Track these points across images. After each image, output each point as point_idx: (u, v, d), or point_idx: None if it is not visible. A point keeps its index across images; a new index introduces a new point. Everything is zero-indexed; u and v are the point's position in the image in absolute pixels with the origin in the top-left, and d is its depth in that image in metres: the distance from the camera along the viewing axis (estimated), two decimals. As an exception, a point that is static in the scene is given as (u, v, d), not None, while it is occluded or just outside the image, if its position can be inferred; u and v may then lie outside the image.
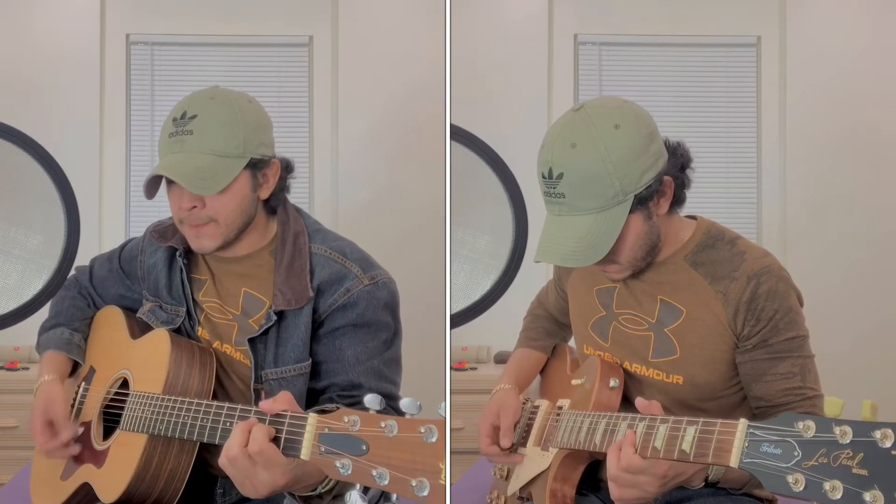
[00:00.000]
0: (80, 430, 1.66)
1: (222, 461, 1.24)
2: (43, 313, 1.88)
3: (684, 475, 1.31)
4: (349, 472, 1.07)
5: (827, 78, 3.62)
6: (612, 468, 1.29)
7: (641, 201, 1.45)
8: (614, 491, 1.31)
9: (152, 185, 1.57)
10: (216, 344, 1.64)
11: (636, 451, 1.27)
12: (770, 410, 1.49)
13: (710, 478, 1.38)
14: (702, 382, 1.55)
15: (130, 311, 1.78)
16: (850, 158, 3.62)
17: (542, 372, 1.89)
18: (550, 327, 1.91)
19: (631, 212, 1.44)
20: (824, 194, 3.63)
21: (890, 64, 3.62)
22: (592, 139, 1.42)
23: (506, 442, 1.67)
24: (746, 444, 1.08)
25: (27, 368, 3.28)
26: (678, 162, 1.51)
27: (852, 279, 3.59)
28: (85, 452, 1.63)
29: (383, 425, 1.07)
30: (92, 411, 1.66)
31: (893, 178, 3.62)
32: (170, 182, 1.57)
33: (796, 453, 1.02)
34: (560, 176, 1.43)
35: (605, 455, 1.57)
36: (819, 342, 1.56)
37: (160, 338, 1.61)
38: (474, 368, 3.46)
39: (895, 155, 3.63)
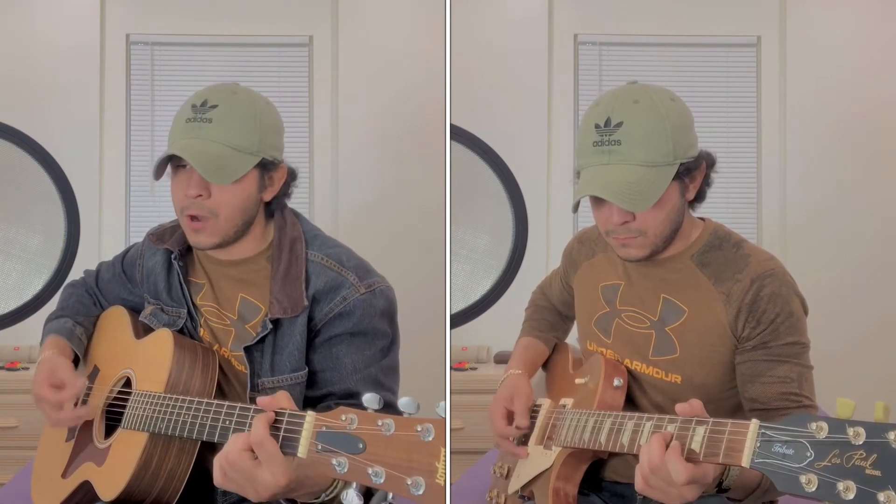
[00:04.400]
0: (87, 382, 1.67)
1: (219, 468, 1.22)
2: (42, 313, 1.89)
3: (714, 478, 1.26)
4: (345, 470, 1.07)
5: (827, 78, 3.63)
6: (659, 470, 1.21)
7: (682, 174, 1.48)
8: (640, 484, 1.24)
9: (161, 167, 1.57)
10: (215, 347, 1.65)
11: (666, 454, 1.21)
12: (765, 413, 1.47)
13: (724, 483, 1.33)
14: (699, 383, 1.55)
15: (136, 311, 1.79)
16: (850, 158, 3.63)
17: (544, 369, 1.90)
18: (553, 320, 1.92)
19: (672, 180, 1.47)
20: (824, 194, 3.63)
21: (890, 64, 3.62)
22: (653, 101, 1.47)
23: (523, 422, 1.66)
24: (758, 445, 1.08)
25: (27, 368, 3.28)
26: (710, 159, 1.56)
27: (852, 278, 3.59)
28: (86, 450, 1.63)
29: (381, 424, 1.07)
30: (95, 410, 1.66)
31: (893, 178, 3.62)
32: (176, 168, 1.57)
33: (809, 454, 1.01)
34: (619, 124, 1.44)
35: (607, 454, 1.57)
36: (819, 341, 1.56)
37: (163, 337, 1.61)
38: (474, 368, 3.46)
39: (895, 155, 3.63)
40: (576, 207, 1.50)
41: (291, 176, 1.68)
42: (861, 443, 0.97)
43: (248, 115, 1.57)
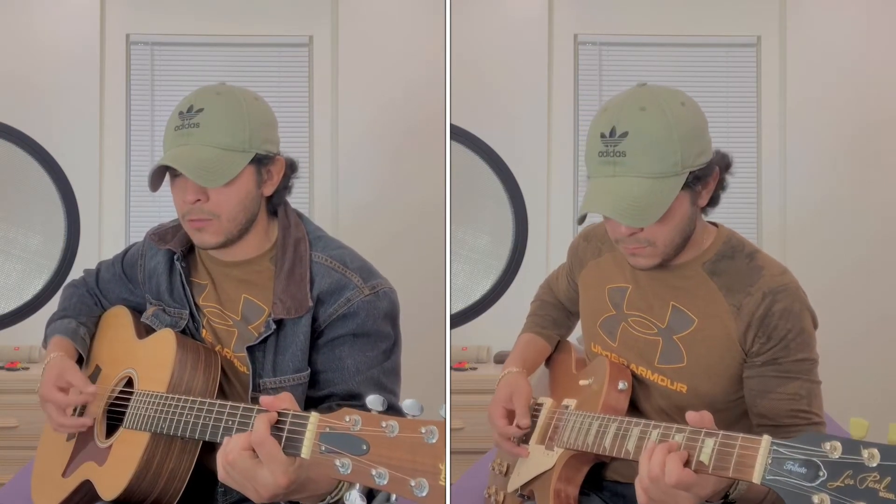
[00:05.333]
0: (96, 389, 1.67)
1: (221, 466, 1.23)
2: (42, 313, 1.89)
3: (713, 491, 1.26)
4: (349, 471, 1.07)
5: (827, 78, 3.62)
6: (659, 481, 1.21)
7: (692, 182, 1.45)
8: (642, 498, 1.25)
9: (156, 178, 1.57)
10: (217, 348, 1.65)
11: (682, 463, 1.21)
12: (774, 430, 1.46)
13: (730, 496, 1.32)
14: (704, 393, 1.54)
15: (137, 311, 1.79)
16: (850, 158, 3.62)
17: (547, 367, 1.89)
18: (557, 316, 1.90)
19: (682, 189, 1.44)
20: (824, 194, 3.63)
21: (890, 64, 3.62)
22: (661, 108, 1.43)
23: (525, 422, 1.64)
24: (769, 461, 1.08)
25: (27, 368, 3.28)
26: (724, 162, 1.53)
27: (852, 279, 3.59)
28: (87, 450, 1.63)
29: (384, 425, 1.07)
30: (96, 410, 1.66)
31: (893, 178, 3.62)
32: (174, 175, 1.57)
33: (821, 473, 1.01)
34: (624, 134, 1.41)
35: (610, 458, 1.56)
36: (819, 342, 1.55)
37: (166, 337, 1.61)
38: (474, 368, 3.46)
39: (895, 155, 3.63)
40: (581, 220, 1.49)
41: (290, 168, 1.68)
42: (875, 465, 0.97)
43: (234, 113, 1.56)
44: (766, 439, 1.09)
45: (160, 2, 3.57)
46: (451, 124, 3.43)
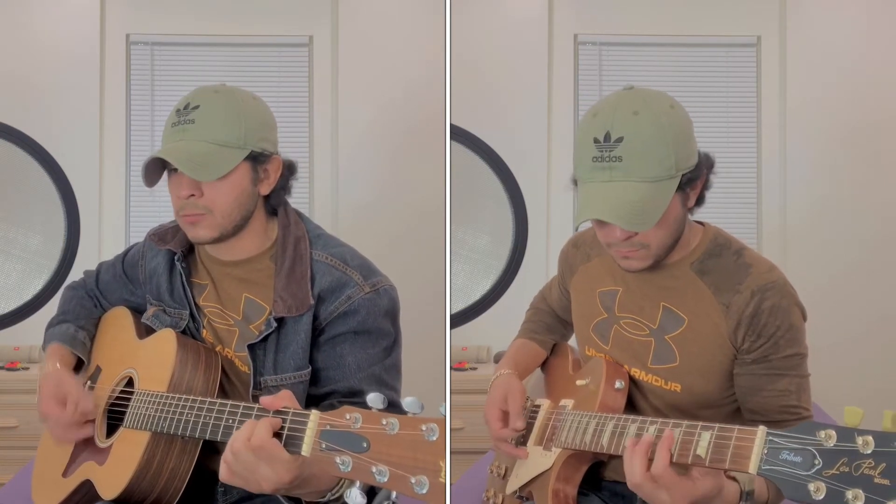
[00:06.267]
0: (92, 400, 1.66)
1: (226, 459, 1.23)
2: (42, 313, 1.88)
3: (708, 497, 1.26)
4: (349, 468, 1.08)
5: (827, 78, 3.63)
6: (648, 475, 1.24)
7: (683, 185, 1.45)
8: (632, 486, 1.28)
9: (151, 173, 1.58)
10: (218, 348, 1.65)
11: (672, 458, 1.23)
12: (765, 425, 1.46)
13: None
14: (699, 391, 1.54)
15: (138, 312, 1.79)
16: (851, 158, 3.63)
17: (544, 371, 1.89)
18: (551, 322, 1.91)
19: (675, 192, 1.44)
20: (824, 194, 3.64)
21: (890, 64, 3.62)
22: (653, 111, 1.43)
23: (519, 424, 1.64)
24: (765, 451, 1.08)
25: (27, 368, 3.28)
26: (708, 162, 1.53)
27: (852, 278, 3.59)
28: (88, 450, 1.63)
29: (385, 423, 1.07)
30: (97, 409, 1.66)
31: (893, 178, 3.62)
32: (171, 171, 1.58)
33: (817, 461, 1.02)
34: (620, 139, 1.40)
35: (608, 456, 1.57)
36: (819, 341, 1.56)
37: (166, 337, 1.61)
38: (474, 368, 3.46)
39: (895, 155, 3.63)
40: (577, 227, 1.49)
41: (289, 169, 1.68)
42: (870, 452, 0.98)
43: (230, 110, 1.57)
44: (761, 430, 1.10)
45: (160, 2, 3.57)
46: (451, 124, 3.43)
